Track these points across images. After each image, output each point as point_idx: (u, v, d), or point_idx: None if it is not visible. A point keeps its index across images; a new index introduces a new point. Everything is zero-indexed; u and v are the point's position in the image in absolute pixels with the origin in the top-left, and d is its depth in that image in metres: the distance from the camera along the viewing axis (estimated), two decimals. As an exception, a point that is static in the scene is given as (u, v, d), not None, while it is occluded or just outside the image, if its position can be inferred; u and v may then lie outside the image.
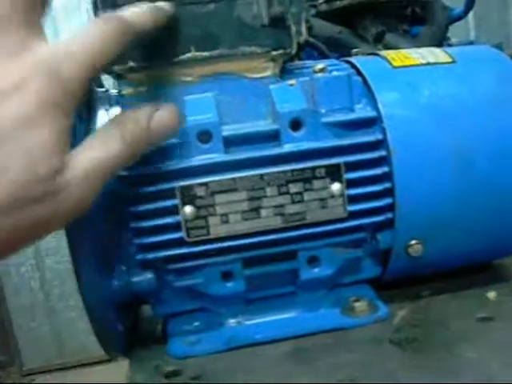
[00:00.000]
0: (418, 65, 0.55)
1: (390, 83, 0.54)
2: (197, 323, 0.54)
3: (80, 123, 0.50)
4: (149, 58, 0.49)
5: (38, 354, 2.16)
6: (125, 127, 0.41)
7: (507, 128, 0.53)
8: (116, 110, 0.52)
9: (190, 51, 0.49)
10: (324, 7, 0.97)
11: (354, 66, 0.56)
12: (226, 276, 0.51)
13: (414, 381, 0.43)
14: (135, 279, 0.50)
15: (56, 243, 2.08)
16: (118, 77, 0.50)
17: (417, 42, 0.92)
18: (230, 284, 0.51)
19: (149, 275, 0.50)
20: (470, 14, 1.03)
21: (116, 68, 0.49)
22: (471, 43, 1.14)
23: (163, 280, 0.52)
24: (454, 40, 1.04)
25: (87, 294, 0.47)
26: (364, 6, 0.94)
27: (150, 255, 0.49)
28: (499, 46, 0.92)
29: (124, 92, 0.51)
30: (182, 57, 0.49)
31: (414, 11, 1.00)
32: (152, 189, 0.48)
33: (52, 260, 2.13)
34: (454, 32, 1.05)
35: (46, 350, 2.14)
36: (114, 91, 0.54)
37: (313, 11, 0.96)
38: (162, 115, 0.44)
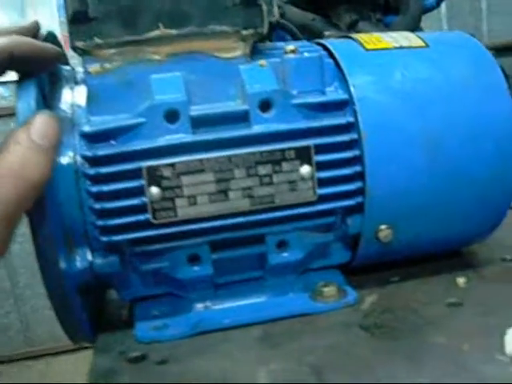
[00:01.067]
0: (390, 48, 0.55)
1: (363, 66, 0.53)
2: (163, 308, 0.53)
3: (44, 101, 0.48)
4: (116, 35, 0.48)
5: (5, 343, 2.13)
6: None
7: (480, 114, 0.53)
8: (82, 88, 0.51)
9: (158, 28, 0.48)
10: (297, -6, 0.96)
11: (326, 48, 0.55)
12: (193, 259, 0.50)
13: (384, 365, 0.42)
14: (98, 262, 0.49)
15: (24, 230, 2.04)
16: (84, 53, 0.49)
17: (390, 31, 0.91)
18: (197, 268, 0.50)
19: (112, 258, 0.49)
20: (443, 5, 1.04)
21: (82, 44, 0.48)
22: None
23: (129, 263, 0.50)
24: (426, 31, 1.04)
25: (48, 277, 0.45)
26: (338, -5, 0.93)
27: (115, 237, 0.48)
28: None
29: (90, 69, 0.49)
30: (150, 34, 0.48)
31: (388, 1, 0.99)
32: (117, 169, 0.47)
33: (19, 247, 2.10)
34: (427, 23, 1.05)
35: (13, 338, 2.11)
36: (79, 69, 0.53)
37: (286, -2, 0.95)
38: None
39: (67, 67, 0.55)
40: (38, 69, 0.46)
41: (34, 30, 0.47)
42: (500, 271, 0.57)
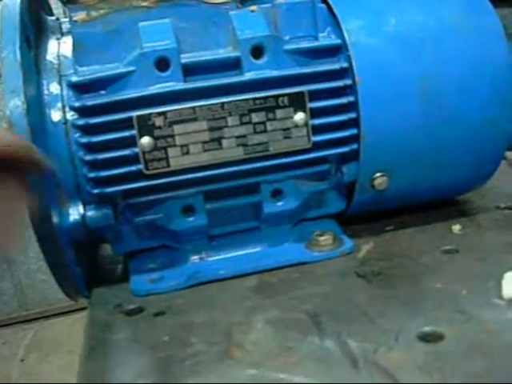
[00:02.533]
0: (384, -8, 0.54)
1: (356, 10, 0.52)
2: (159, 260, 0.53)
3: (29, 52, 0.47)
4: (102, -20, 0.46)
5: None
6: None
7: (474, 57, 0.52)
8: (68, 39, 0.49)
9: (145, -27, 0.47)
10: None
11: (318, -7, 0.54)
12: (187, 210, 0.50)
13: (381, 312, 0.42)
14: (91, 215, 0.48)
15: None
16: (69, 1, 0.47)
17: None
18: (191, 219, 0.50)
19: (105, 210, 0.48)
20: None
21: (66, -9, 0.46)
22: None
23: (122, 216, 0.50)
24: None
25: (41, 233, 0.45)
26: None
27: (107, 189, 0.47)
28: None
29: (76, 18, 0.48)
30: (137, -21, 0.47)
31: None
32: (107, 119, 0.46)
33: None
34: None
35: (7, 303, 2.11)
36: (65, 19, 0.51)
37: None
38: None
39: (52, 17, 0.53)
40: None
41: None
42: (494, 218, 0.57)
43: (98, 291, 0.52)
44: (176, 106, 0.46)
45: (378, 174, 0.51)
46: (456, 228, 0.55)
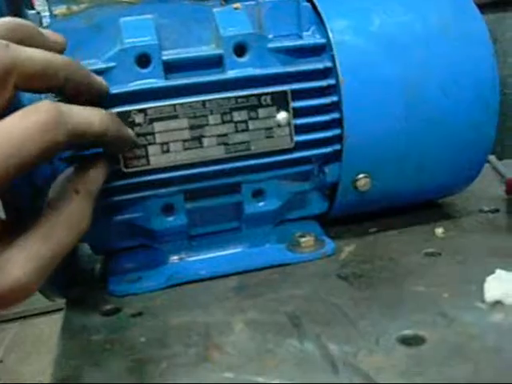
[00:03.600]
0: (369, -8, 0.53)
1: (341, 10, 0.51)
2: (137, 260, 0.52)
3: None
4: (83, -26, 0.46)
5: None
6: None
7: (459, 60, 0.51)
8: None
9: (127, -33, 0.46)
10: None
11: (303, -9, 0.53)
12: (167, 209, 0.49)
13: (362, 314, 0.42)
14: None
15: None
16: (49, -6, 0.47)
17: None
18: (171, 218, 0.49)
19: None
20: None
21: (46, -16, 0.46)
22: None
23: (100, 215, 0.49)
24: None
25: None
26: None
27: (85, 187, 0.46)
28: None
29: (56, 12, 0.47)
30: (119, -26, 0.46)
31: None
32: (86, 115, 0.45)
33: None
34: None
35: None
36: (45, 13, 0.50)
37: None
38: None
39: (32, 11, 0.52)
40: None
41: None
42: (477, 222, 0.57)
43: (75, 291, 0.51)
44: (157, 103, 0.45)
45: (361, 176, 0.51)
46: (439, 231, 0.54)
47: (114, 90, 0.45)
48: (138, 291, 0.49)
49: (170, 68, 0.46)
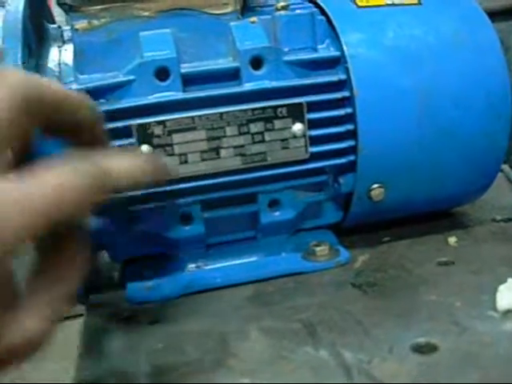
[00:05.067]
0: (383, 5, 0.54)
1: (355, 23, 0.52)
2: (155, 268, 0.53)
3: (30, 59, 0.47)
4: (104, -11, 0.47)
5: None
6: None
7: (472, 71, 0.52)
8: (69, 47, 0.50)
9: (146, -17, 0.47)
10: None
11: (317, 5, 0.54)
12: (185, 219, 0.50)
13: (375, 323, 0.42)
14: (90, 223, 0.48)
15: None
16: (71, 9, 0.48)
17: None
18: (188, 227, 0.50)
19: (104, 218, 0.49)
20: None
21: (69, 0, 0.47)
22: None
23: (120, 224, 0.50)
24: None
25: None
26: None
27: (106, 197, 0.47)
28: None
29: (77, 26, 0.48)
30: (139, -11, 0.47)
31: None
32: (107, 127, 0.46)
33: None
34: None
35: None
36: (66, 27, 0.52)
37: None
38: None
39: (54, 25, 0.53)
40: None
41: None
42: (490, 231, 0.58)
43: (95, 298, 0.52)
44: (175, 116, 0.46)
45: (375, 186, 0.52)
46: (452, 240, 0.55)
47: (134, 103, 0.46)
48: (156, 299, 0.50)
49: (188, 81, 0.47)
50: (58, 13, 0.57)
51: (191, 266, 0.53)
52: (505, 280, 0.44)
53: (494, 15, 0.57)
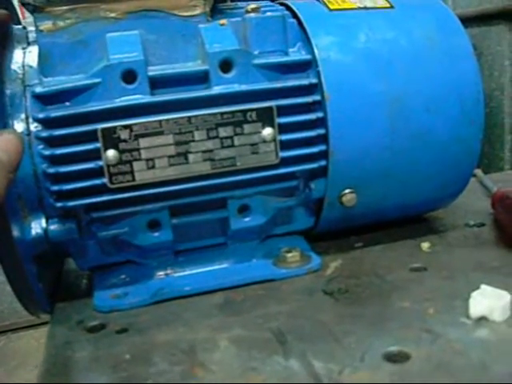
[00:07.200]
0: (355, 9, 0.54)
1: (326, 26, 0.52)
2: (123, 276, 0.52)
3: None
4: (68, -10, 0.46)
5: (-34, 320, 2.09)
6: None
7: (444, 76, 0.52)
8: (34, 48, 0.49)
9: (113, -16, 0.46)
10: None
11: (289, 8, 0.54)
12: (153, 225, 0.49)
13: (347, 331, 0.42)
14: (54, 229, 0.47)
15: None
16: (35, 10, 0.46)
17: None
18: (156, 234, 0.49)
19: (68, 225, 0.47)
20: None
21: (33, 0, 0.45)
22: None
23: (86, 230, 0.49)
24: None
25: (1, 246, 0.44)
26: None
27: (70, 203, 0.46)
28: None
29: (42, 27, 0.47)
30: (105, -10, 0.46)
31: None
32: (71, 131, 0.45)
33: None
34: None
35: (-26, 315, 2.08)
36: (31, 28, 0.50)
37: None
38: None
39: (19, 26, 0.52)
40: None
41: None
42: (463, 236, 0.57)
43: (60, 306, 0.51)
44: (142, 119, 0.45)
45: (347, 191, 0.51)
46: (425, 245, 0.55)
47: (100, 106, 0.45)
48: (124, 307, 0.48)
49: (156, 84, 0.46)
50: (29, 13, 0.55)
51: (160, 273, 0.52)
52: (478, 286, 0.43)
53: (468, 21, 0.57)
